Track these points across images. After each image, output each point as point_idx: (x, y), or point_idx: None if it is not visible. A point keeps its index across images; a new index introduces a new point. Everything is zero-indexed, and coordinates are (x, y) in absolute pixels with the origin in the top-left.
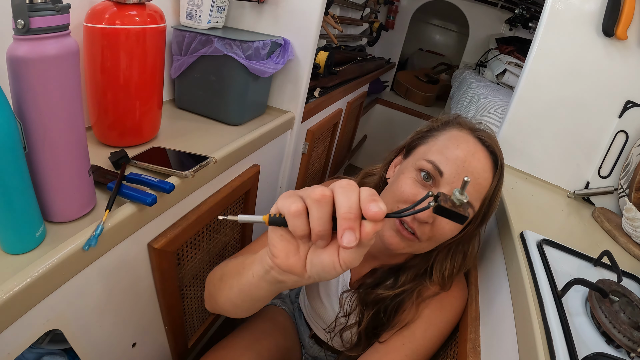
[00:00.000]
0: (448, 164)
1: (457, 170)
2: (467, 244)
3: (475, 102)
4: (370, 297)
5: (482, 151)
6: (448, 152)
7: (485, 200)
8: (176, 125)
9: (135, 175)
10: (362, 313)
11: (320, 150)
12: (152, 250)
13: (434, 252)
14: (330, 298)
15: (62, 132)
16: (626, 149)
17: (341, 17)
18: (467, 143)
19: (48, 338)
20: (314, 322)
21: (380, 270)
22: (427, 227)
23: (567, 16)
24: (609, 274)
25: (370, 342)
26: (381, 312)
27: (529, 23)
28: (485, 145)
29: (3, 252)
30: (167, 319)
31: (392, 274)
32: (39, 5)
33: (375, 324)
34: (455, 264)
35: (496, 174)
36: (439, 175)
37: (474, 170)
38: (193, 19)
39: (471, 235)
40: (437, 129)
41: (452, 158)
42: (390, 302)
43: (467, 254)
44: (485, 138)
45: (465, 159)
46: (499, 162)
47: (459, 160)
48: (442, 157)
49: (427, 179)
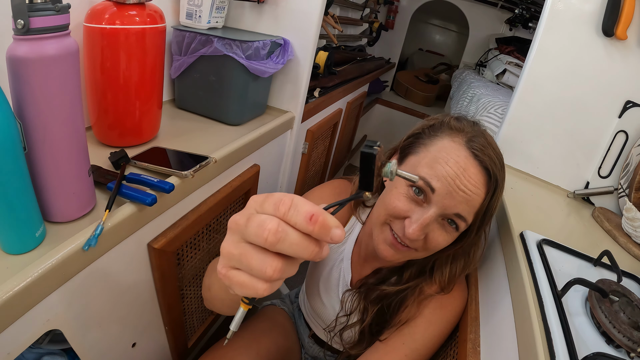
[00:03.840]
0: (439, 181)
1: (448, 189)
2: (468, 249)
3: (475, 102)
4: (375, 293)
5: (473, 167)
6: (438, 168)
7: (479, 214)
8: (176, 125)
9: (135, 175)
10: (365, 310)
11: (320, 150)
12: (152, 250)
13: (434, 257)
14: (330, 297)
15: (62, 132)
16: (626, 149)
17: (341, 17)
18: (458, 157)
19: (48, 338)
20: (313, 322)
21: (384, 269)
22: (420, 241)
23: (567, 16)
24: (608, 274)
25: (373, 340)
26: (385, 309)
27: (529, 23)
28: (478, 160)
29: (3, 252)
30: (167, 319)
31: (396, 272)
32: (39, 5)
33: (379, 320)
34: (457, 268)
35: (490, 187)
36: (430, 192)
37: (465, 188)
38: (193, 19)
39: (470, 244)
40: (429, 135)
41: (442, 175)
42: (394, 298)
43: (468, 260)
44: (478, 152)
45: (457, 176)
46: (492, 176)
47: (450, 177)
48: (433, 172)
49: (419, 194)
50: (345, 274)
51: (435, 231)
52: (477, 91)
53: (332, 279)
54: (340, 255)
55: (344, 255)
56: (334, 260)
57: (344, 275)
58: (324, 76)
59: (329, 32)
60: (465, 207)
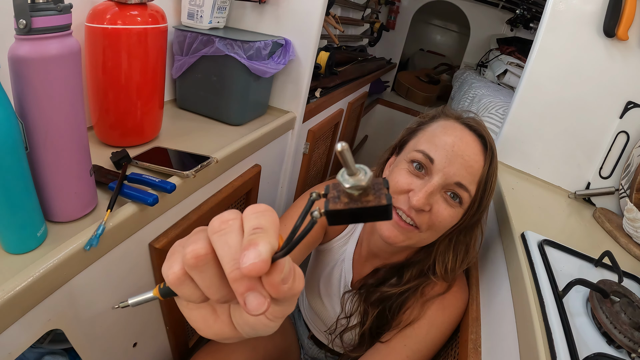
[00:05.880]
0: (437, 150)
1: (446, 156)
2: (469, 234)
3: (477, 103)
4: (375, 295)
5: (470, 135)
6: (437, 140)
7: (480, 184)
8: (177, 125)
9: (137, 175)
10: (366, 313)
11: (321, 151)
12: (154, 250)
13: (435, 244)
14: (331, 298)
15: (63, 132)
16: (627, 149)
17: (342, 17)
18: (454, 129)
19: (49, 338)
20: (312, 324)
21: (382, 269)
22: (425, 216)
23: (568, 17)
24: (609, 275)
25: (373, 342)
26: (386, 311)
27: (530, 23)
28: (472, 130)
29: (4, 251)
30: (168, 319)
31: (396, 272)
32: (41, 5)
33: (380, 323)
34: (458, 256)
35: (487, 156)
36: (430, 163)
37: (463, 154)
38: (194, 19)
39: (472, 224)
40: (425, 122)
41: (440, 144)
42: (395, 300)
43: (469, 246)
44: (472, 123)
45: (454, 144)
46: (489, 145)
47: (448, 145)
48: (431, 145)
49: (420, 169)
50: (347, 274)
51: (439, 204)
52: (478, 91)
53: (333, 279)
54: (342, 256)
55: (346, 256)
56: (335, 260)
57: (345, 275)
58: (325, 76)
59: (330, 32)
60: (466, 175)
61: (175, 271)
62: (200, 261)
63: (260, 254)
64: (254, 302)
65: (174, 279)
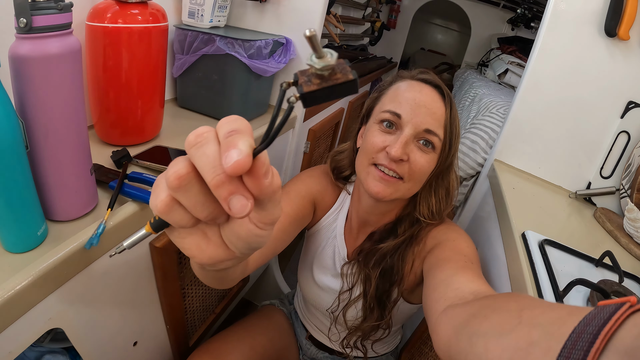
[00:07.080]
0: (402, 106)
1: (411, 108)
2: (446, 178)
3: (477, 102)
4: (373, 257)
5: (427, 88)
6: (399, 98)
7: (447, 128)
8: (178, 124)
9: (137, 174)
10: (368, 278)
11: (322, 149)
12: (154, 249)
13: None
14: (327, 277)
15: (64, 131)
16: (628, 149)
17: (343, 16)
18: (412, 86)
19: (49, 337)
20: (309, 323)
21: (377, 232)
22: (405, 165)
23: (570, 16)
24: (610, 275)
25: (382, 307)
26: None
27: (531, 23)
28: (428, 83)
29: (5, 250)
30: (169, 318)
31: (390, 232)
32: (42, 4)
33: (384, 287)
34: (442, 199)
35: (447, 102)
36: (398, 119)
37: (425, 103)
38: (195, 18)
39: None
40: (385, 88)
41: (403, 101)
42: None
43: (448, 188)
44: (427, 77)
45: (415, 97)
46: (445, 93)
47: (410, 99)
48: (396, 103)
49: (390, 126)
50: (340, 250)
51: (415, 152)
52: (479, 91)
53: (326, 257)
54: (332, 232)
55: (337, 232)
56: (326, 239)
57: (339, 250)
58: None
59: (331, 31)
60: (431, 122)
61: (162, 198)
62: (183, 180)
63: (241, 152)
64: (237, 205)
65: (163, 206)
